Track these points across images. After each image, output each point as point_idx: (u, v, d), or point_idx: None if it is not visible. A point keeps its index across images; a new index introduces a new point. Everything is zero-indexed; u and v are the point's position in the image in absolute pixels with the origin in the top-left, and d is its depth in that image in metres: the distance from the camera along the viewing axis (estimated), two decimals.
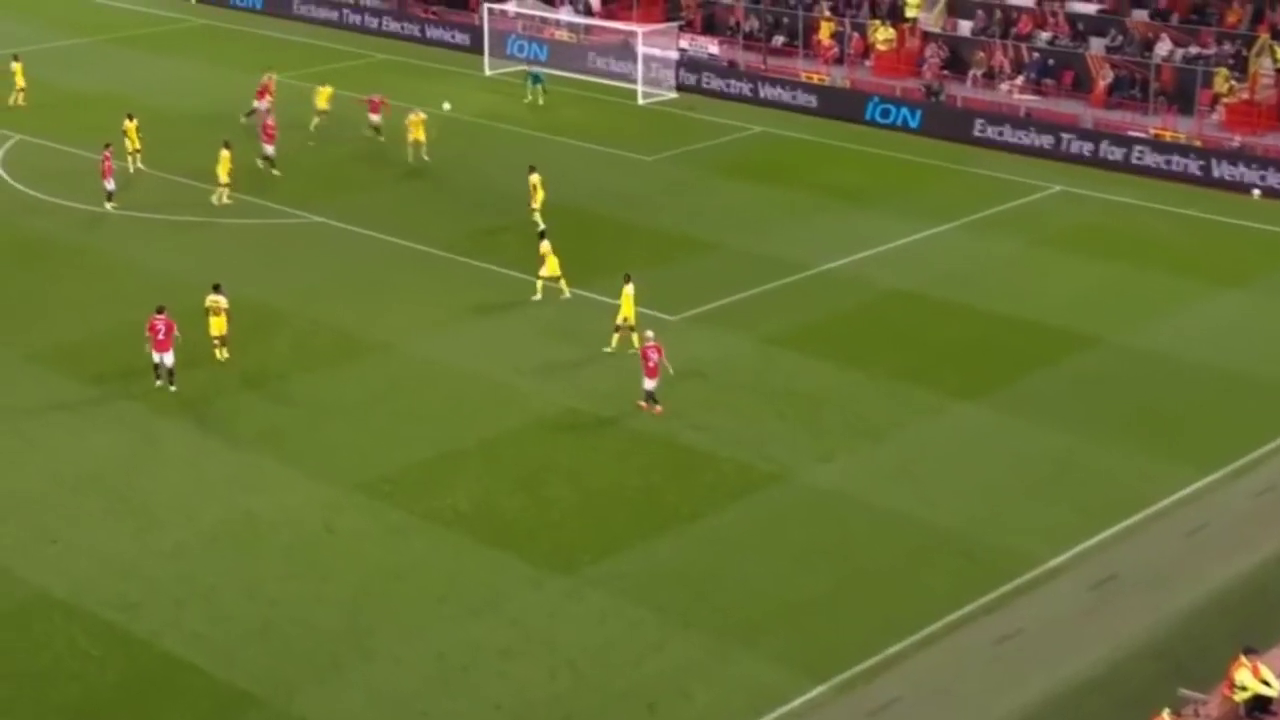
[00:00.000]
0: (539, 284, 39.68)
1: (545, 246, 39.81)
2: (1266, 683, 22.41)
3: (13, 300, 40.23)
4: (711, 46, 61.94)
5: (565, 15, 65.31)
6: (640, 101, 59.11)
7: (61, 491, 30.81)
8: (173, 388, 34.91)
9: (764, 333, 38.18)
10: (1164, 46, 53.69)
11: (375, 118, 52.82)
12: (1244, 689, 22.44)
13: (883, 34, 58.63)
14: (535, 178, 44.88)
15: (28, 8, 75.44)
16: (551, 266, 39.65)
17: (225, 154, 46.80)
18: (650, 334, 34.18)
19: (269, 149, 49.11)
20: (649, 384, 33.77)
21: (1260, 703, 22.51)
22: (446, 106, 53.96)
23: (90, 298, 40.00)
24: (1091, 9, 56.72)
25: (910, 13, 59.10)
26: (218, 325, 36.18)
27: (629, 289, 36.72)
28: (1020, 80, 55.55)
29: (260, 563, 28.39)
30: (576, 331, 37.66)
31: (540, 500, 30.61)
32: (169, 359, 34.77)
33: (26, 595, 27.28)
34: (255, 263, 42.71)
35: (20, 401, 34.61)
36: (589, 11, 65.72)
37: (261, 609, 26.95)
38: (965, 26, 58.56)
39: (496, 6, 65.23)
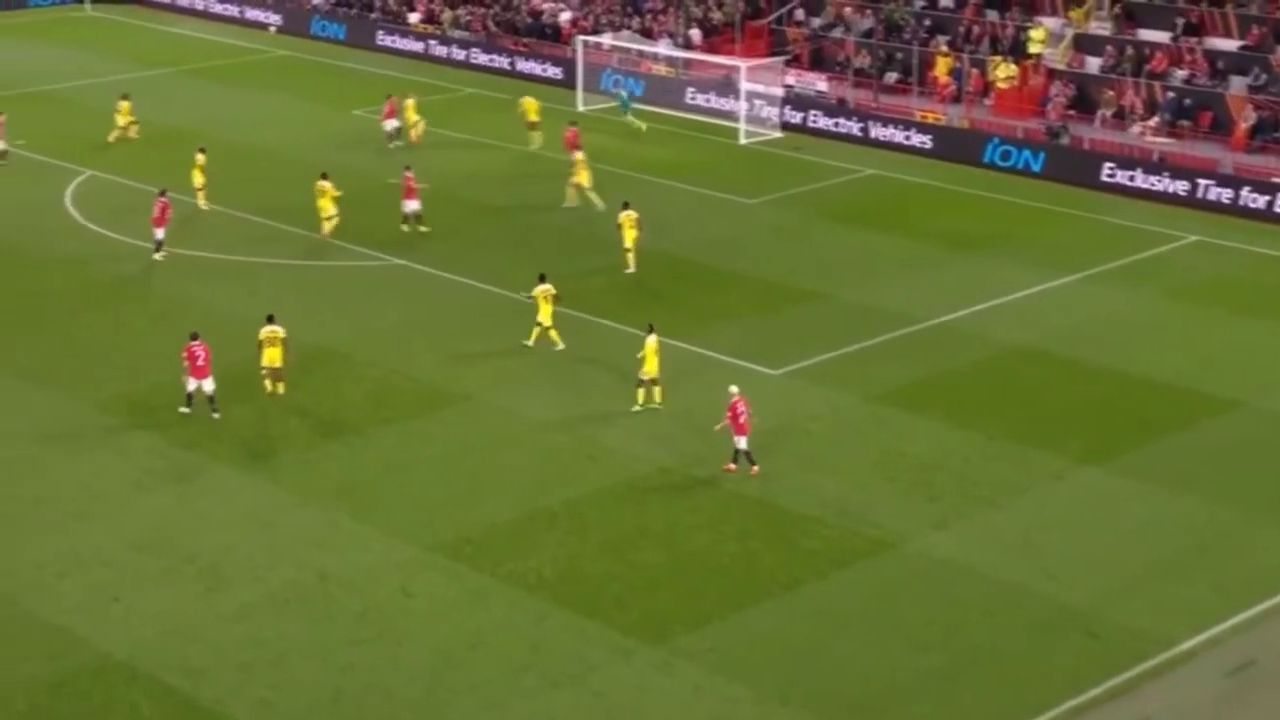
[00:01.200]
0: (552, 333, 39.85)
1: (540, 289, 39.84)
2: None
3: (80, 345, 40.93)
4: (819, 83, 62.06)
5: (664, 49, 65.75)
6: (742, 141, 59.29)
7: (125, 549, 31.19)
8: (216, 414, 36.04)
9: (873, 390, 38.04)
10: None
11: (578, 155, 52.59)
12: None
13: (1004, 71, 58.50)
14: (623, 215, 45.18)
15: (102, 39, 77.32)
16: (544, 313, 39.69)
17: (326, 185, 47.81)
18: (734, 389, 34.12)
19: (412, 205, 48.50)
20: (741, 442, 33.72)
21: None
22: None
23: (159, 343, 40.50)
24: (1233, 45, 56.30)
25: (1034, 48, 58.98)
26: (273, 357, 37.03)
27: (652, 340, 36.67)
28: (1153, 121, 55.14)
29: (332, 626, 28.57)
30: (668, 386, 37.64)
31: (630, 565, 30.60)
32: (209, 385, 36.02)
33: (87, 658, 27.61)
34: (331, 307, 43.22)
35: (86, 453, 35.15)
36: (689, 45, 66.13)
37: (333, 676, 27.10)
38: (1093, 63, 58.29)
39: (591, 39, 65.83)
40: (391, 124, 57.43)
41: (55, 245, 48.08)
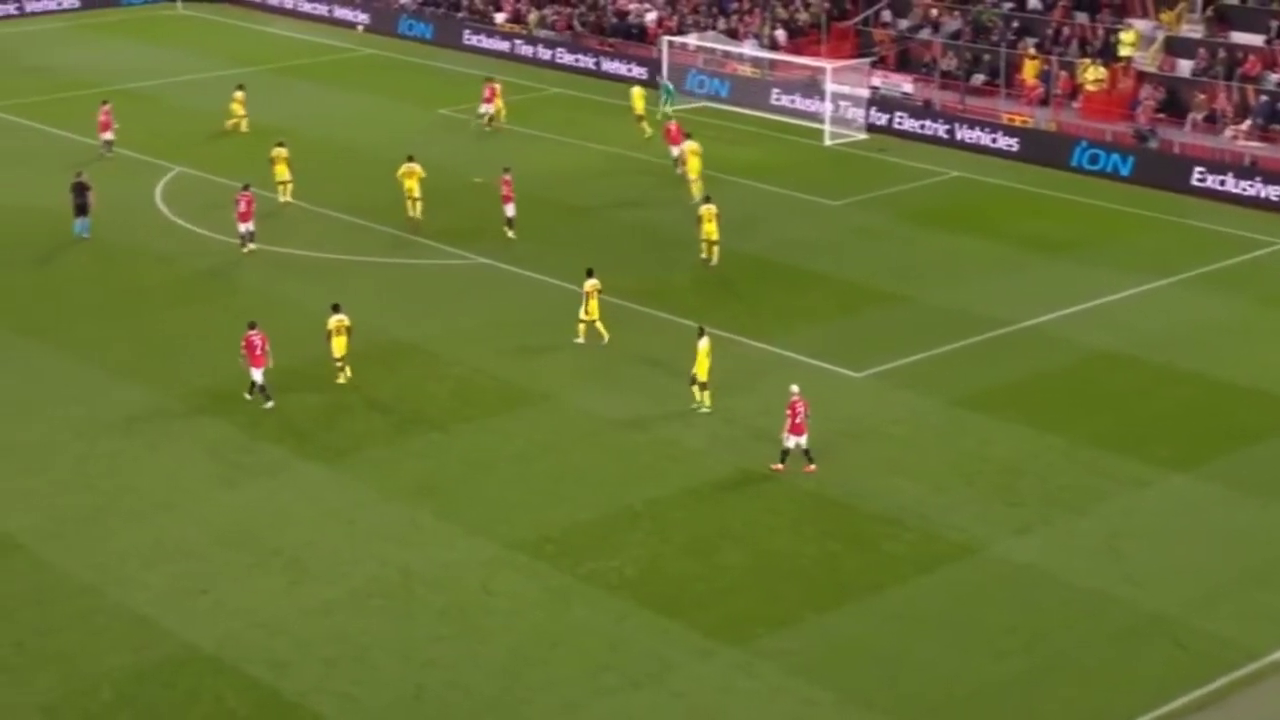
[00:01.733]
0: (581, 327, 40.12)
1: (590, 284, 40.11)
2: None
3: (168, 340, 41.38)
4: (905, 84, 61.75)
5: (749, 49, 65.64)
6: (827, 142, 59.08)
7: (209, 542, 31.51)
8: (269, 404, 36.82)
9: (956, 393, 37.79)
10: None
11: (676, 150, 53.16)
12: None
13: (1093, 73, 57.93)
14: (705, 209, 45.45)
15: (192, 37, 78.17)
16: (592, 309, 39.92)
17: (415, 166, 48.56)
18: (795, 388, 34.01)
19: (509, 209, 48.37)
20: (791, 441, 33.64)
21: None
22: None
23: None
24: None
25: (1124, 51, 58.36)
26: (341, 346, 37.76)
27: (704, 343, 36.59)
28: (1246, 125, 54.44)
29: (414, 623, 28.71)
30: (749, 387, 37.62)
31: (711, 566, 30.56)
32: (258, 375, 36.90)
33: (173, 648, 27.91)
34: (415, 304, 43.47)
35: (171, 447, 35.55)
36: (774, 45, 65.96)
37: (414, 672, 27.25)
38: (1185, 66, 57.59)
39: (677, 39, 65.82)
40: (487, 109, 59.42)
41: (147, 241, 48.67)
